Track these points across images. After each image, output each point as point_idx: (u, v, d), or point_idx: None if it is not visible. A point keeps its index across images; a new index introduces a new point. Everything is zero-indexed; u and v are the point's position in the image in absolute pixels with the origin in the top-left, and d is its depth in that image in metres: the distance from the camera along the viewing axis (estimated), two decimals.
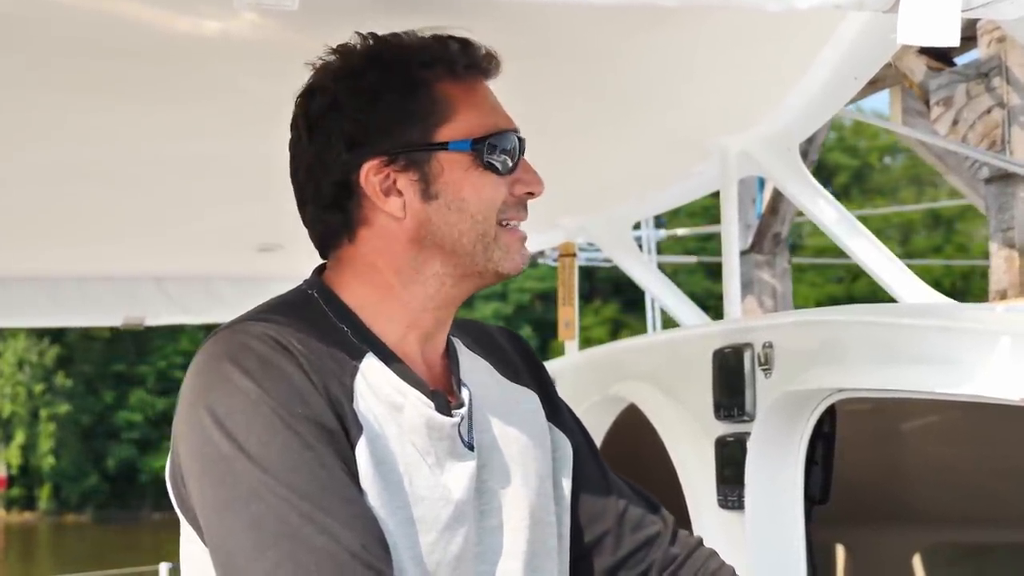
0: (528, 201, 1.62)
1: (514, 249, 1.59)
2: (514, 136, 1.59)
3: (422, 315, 1.58)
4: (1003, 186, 3.68)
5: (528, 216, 1.62)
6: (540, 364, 1.83)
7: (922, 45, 1.47)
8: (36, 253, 3.88)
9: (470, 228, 1.55)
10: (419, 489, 1.49)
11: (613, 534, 1.76)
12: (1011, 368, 1.73)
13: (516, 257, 1.60)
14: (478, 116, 1.57)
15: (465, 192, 1.55)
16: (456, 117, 1.56)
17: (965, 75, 3.81)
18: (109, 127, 2.33)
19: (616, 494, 1.79)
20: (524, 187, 1.60)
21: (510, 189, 1.58)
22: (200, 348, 1.49)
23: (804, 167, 2.72)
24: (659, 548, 1.76)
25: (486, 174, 1.56)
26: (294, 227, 1.67)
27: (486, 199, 1.56)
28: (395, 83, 1.55)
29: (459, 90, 1.57)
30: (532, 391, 1.74)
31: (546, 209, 3.66)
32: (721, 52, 2.16)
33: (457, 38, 1.58)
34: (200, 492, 1.42)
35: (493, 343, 1.77)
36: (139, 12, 1.75)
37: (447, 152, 1.54)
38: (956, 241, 29.17)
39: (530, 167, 1.61)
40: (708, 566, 1.77)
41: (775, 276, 6.49)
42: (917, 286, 2.56)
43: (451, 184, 1.55)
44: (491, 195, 1.56)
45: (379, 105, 1.54)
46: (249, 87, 2.09)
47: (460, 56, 1.57)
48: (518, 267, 1.61)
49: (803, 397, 2.27)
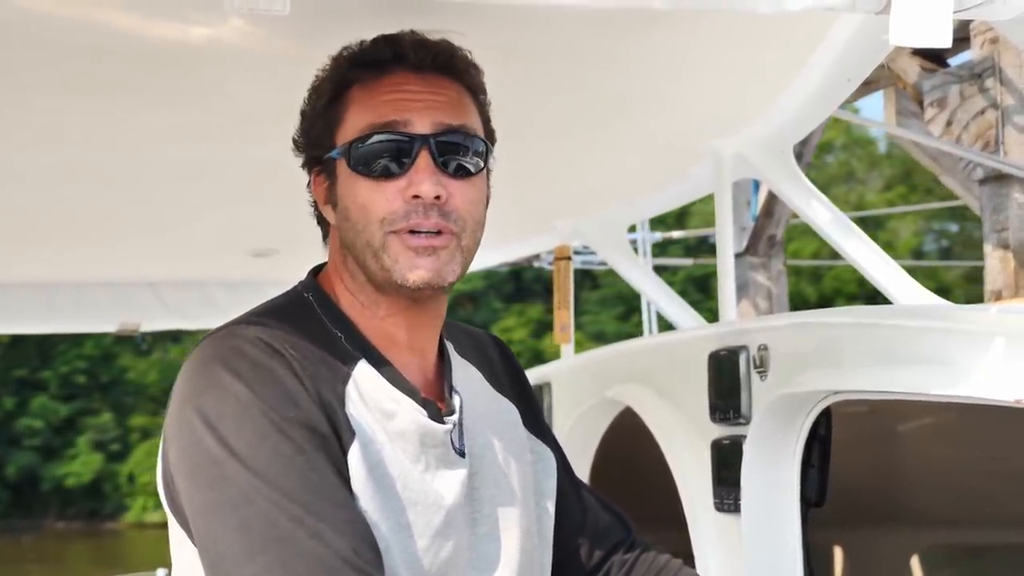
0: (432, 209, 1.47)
1: (404, 259, 1.48)
2: (393, 134, 1.49)
3: (386, 323, 1.56)
4: (997, 187, 3.68)
5: (437, 221, 1.48)
6: (523, 374, 1.83)
7: (914, 46, 1.47)
8: (30, 259, 3.87)
9: (355, 237, 1.51)
10: (412, 494, 1.48)
11: (586, 545, 1.79)
12: (1006, 369, 1.73)
13: (408, 267, 1.48)
14: (360, 118, 1.51)
15: (347, 199, 1.52)
16: (345, 121, 1.53)
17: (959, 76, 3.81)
18: (104, 131, 2.33)
19: (588, 505, 1.82)
20: (412, 189, 1.47)
21: (402, 193, 1.48)
22: (192, 351, 1.49)
23: (798, 169, 2.72)
24: (619, 553, 1.81)
25: (360, 179, 1.50)
26: (289, 232, 1.67)
27: (361, 205, 1.49)
28: (318, 92, 1.57)
29: (360, 91, 1.53)
30: (511, 402, 1.74)
31: (541, 212, 3.69)
32: (714, 54, 2.16)
33: (386, 35, 1.54)
34: (190, 495, 1.42)
35: (483, 351, 1.76)
36: (135, 17, 1.74)
37: (337, 159, 1.53)
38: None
39: (427, 167, 1.48)
40: (658, 561, 1.80)
41: (770, 278, 6.50)
42: (912, 287, 2.56)
43: (340, 191, 1.53)
44: (365, 201, 1.49)
45: (315, 111, 1.57)
46: (244, 92, 2.09)
47: (363, 53, 1.54)
48: (414, 279, 1.48)
49: (799, 399, 2.27)
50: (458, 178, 1.51)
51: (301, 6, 1.35)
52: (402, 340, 1.57)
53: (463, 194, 1.51)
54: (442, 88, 1.54)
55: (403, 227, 1.48)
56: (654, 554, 1.82)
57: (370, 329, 1.56)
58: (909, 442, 3.48)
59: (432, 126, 1.50)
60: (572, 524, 1.77)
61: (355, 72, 1.54)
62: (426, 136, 1.49)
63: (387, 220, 1.48)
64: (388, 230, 1.48)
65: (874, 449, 3.41)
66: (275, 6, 1.34)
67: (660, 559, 1.81)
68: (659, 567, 1.79)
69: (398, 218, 1.48)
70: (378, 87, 1.52)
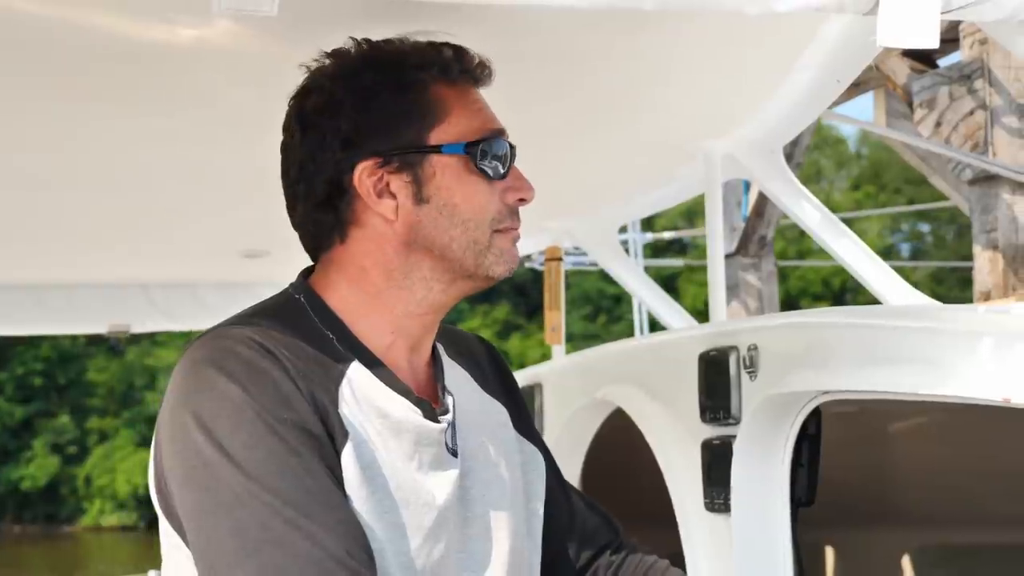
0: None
1: (507, 254, 1.59)
2: (506, 143, 1.59)
3: (408, 320, 1.58)
4: (986, 187, 3.69)
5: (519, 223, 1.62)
6: (511, 375, 1.84)
7: (902, 47, 1.47)
8: (21, 260, 3.86)
9: (461, 234, 1.54)
10: (404, 494, 1.48)
11: (574, 547, 1.79)
12: (995, 368, 1.73)
13: (510, 261, 1.60)
14: (471, 120, 1.56)
15: (457, 197, 1.54)
16: (450, 120, 1.55)
17: (948, 77, 3.82)
18: (94, 134, 2.33)
19: (576, 507, 1.83)
20: (515, 194, 1.59)
21: (501, 196, 1.57)
22: (184, 352, 1.49)
23: (788, 169, 2.72)
24: (606, 555, 1.82)
25: (478, 179, 1.55)
26: (280, 233, 1.67)
27: (478, 205, 1.55)
28: (391, 84, 1.54)
29: (453, 94, 1.56)
30: (500, 403, 1.74)
31: (532, 213, 3.66)
32: (704, 56, 2.16)
33: (452, 45, 1.59)
34: (184, 497, 1.41)
35: (470, 352, 1.77)
36: (124, 20, 1.74)
37: (440, 155, 1.54)
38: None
39: (520, 174, 1.61)
40: (645, 563, 1.81)
41: (760, 279, 6.51)
42: (901, 288, 2.57)
43: (443, 188, 1.54)
44: (483, 201, 1.55)
45: (374, 104, 1.53)
46: (234, 94, 2.09)
47: (454, 61, 1.57)
48: (509, 270, 1.60)
49: (788, 399, 2.28)
50: None
51: (289, 7, 1.35)
52: (406, 338, 1.58)
53: None
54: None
55: (507, 226, 1.58)
56: (641, 556, 1.82)
57: (366, 330, 1.56)
58: (899, 442, 3.49)
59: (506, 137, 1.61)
60: (560, 526, 1.77)
61: (431, 74, 1.56)
62: (514, 146, 1.61)
63: (496, 219, 1.57)
64: (495, 228, 1.57)
65: (864, 449, 3.42)
66: (263, 7, 1.34)
67: (647, 561, 1.81)
68: (646, 568, 1.80)
69: (504, 217, 1.58)
70: (468, 94, 1.59)
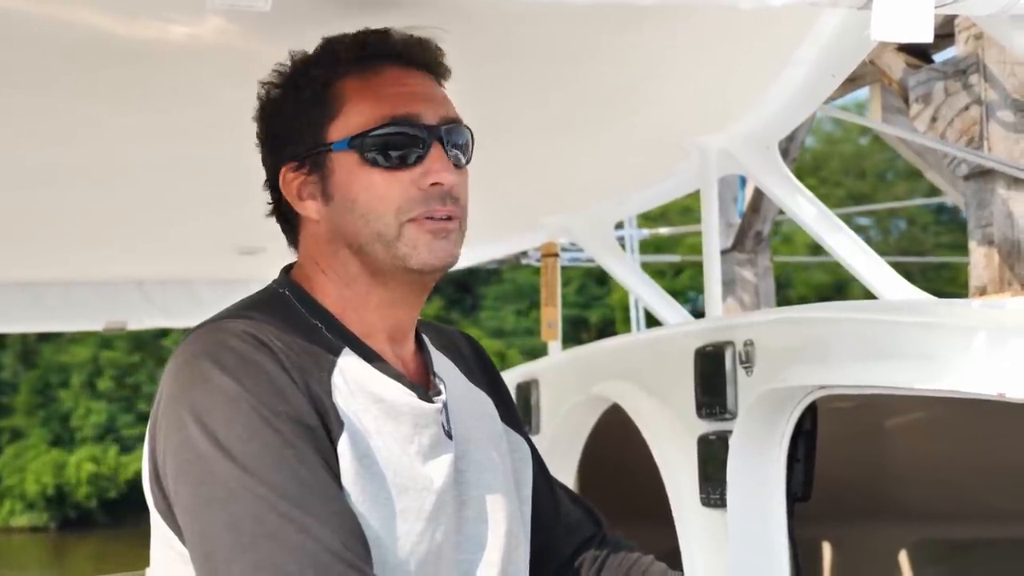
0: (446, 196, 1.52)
1: (423, 243, 1.51)
2: (410, 126, 1.52)
3: (372, 314, 1.57)
4: (982, 183, 3.69)
5: (451, 208, 1.53)
6: (495, 368, 1.85)
7: (896, 41, 1.48)
8: (17, 258, 3.86)
9: (364, 227, 1.52)
10: (403, 480, 1.49)
11: (558, 540, 1.80)
12: (990, 363, 1.74)
13: (427, 250, 1.51)
14: (366, 110, 1.53)
15: (354, 191, 1.53)
16: (344, 114, 1.54)
17: (943, 72, 3.82)
18: (90, 131, 2.32)
19: (560, 500, 1.84)
20: (426, 178, 1.51)
21: (417, 182, 1.51)
22: (178, 347, 1.49)
23: (784, 165, 2.72)
24: (591, 548, 1.82)
25: (373, 170, 1.51)
26: (275, 230, 1.67)
27: (376, 196, 1.51)
28: (300, 86, 1.56)
29: (356, 84, 1.54)
30: (487, 395, 1.75)
31: (527, 209, 3.69)
32: (698, 51, 2.16)
33: (364, 32, 1.56)
34: (179, 491, 1.41)
35: (453, 344, 1.78)
36: (119, 17, 1.74)
37: (335, 152, 1.53)
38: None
39: (440, 155, 1.53)
40: (629, 558, 1.81)
41: (757, 274, 6.51)
42: (897, 283, 2.57)
43: (341, 184, 1.53)
44: (381, 192, 1.51)
45: (282, 109, 1.57)
46: (229, 90, 2.08)
47: (354, 48, 1.55)
48: (431, 261, 1.52)
49: (784, 394, 2.28)
50: (458, 168, 1.57)
51: (282, 3, 1.35)
52: (384, 331, 1.58)
53: (462, 183, 1.57)
54: (432, 84, 1.59)
55: (420, 214, 1.51)
56: (625, 550, 1.83)
57: (350, 320, 1.56)
58: (894, 437, 3.49)
59: (439, 118, 1.55)
60: (546, 517, 1.79)
61: (346, 67, 1.54)
62: (436, 127, 1.54)
63: (403, 209, 1.51)
64: (405, 218, 1.51)
65: (860, 444, 3.42)
66: (256, 3, 1.34)
67: (631, 555, 1.82)
68: (630, 563, 1.80)
69: (416, 205, 1.51)
70: (379, 81, 1.54)
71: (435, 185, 1.51)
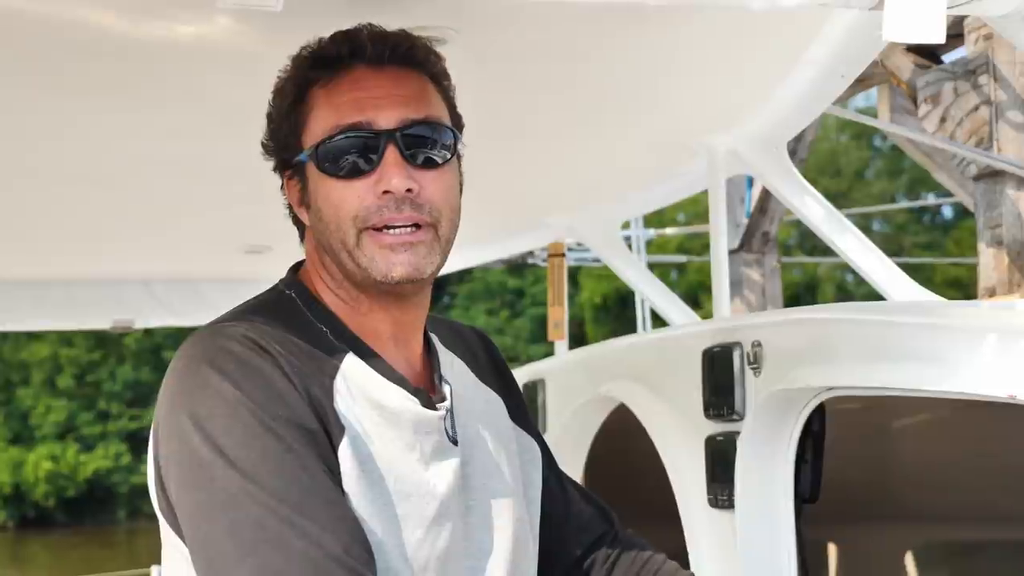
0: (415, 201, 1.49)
1: (379, 256, 1.49)
2: (358, 133, 1.49)
3: (368, 317, 1.57)
4: (991, 183, 3.68)
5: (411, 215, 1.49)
6: (506, 366, 1.83)
7: (908, 42, 1.47)
8: (23, 256, 3.86)
9: (330, 237, 1.52)
10: (404, 486, 1.48)
11: (570, 538, 1.79)
12: (999, 365, 1.73)
13: (384, 264, 1.49)
14: (322, 119, 1.52)
15: (319, 200, 1.53)
16: (310, 122, 1.53)
17: (952, 73, 3.81)
18: (97, 130, 2.32)
19: (571, 498, 1.83)
20: (382, 184, 1.48)
21: (372, 190, 1.49)
22: (178, 351, 1.48)
23: (792, 165, 2.72)
24: (603, 546, 1.81)
25: (330, 180, 1.50)
26: (282, 229, 1.67)
27: (333, 205, 1.50)
28: (284, 94, 1.56)
29: (320, 92, 1.53)
30: (496, 393, 1.74)
31: (534, 209, 3.68)
32: (707, 51, 2.16)
33: (347, 31, 1.54)
34: (181, 497, 1.41)
35: (465, 342, 1.77)
36: (127, 16, 1.74)
37: (306, 162, 1.54)
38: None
39: (396, 161, 1.49)
40: (642, 556, 1.80)
41: (764, 275, 6.50)
42: (905, 284, 2.56)
43: (311, 192, 1.54)
44: (337, 201, 1.50)
45: (278, 118, 1.57)
46: (237, 89, 2.08)
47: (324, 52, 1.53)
48: (391, 274, 1.49)
49: (792, 395, 2.27)
50: (428, 169, 1.52)
51: (293, 2, 1.35)
52: (387, 333, 1.57)
53: (435, 184, 1.52)
54: (403, 80, 1.54)
55: (376, 223, 1.48)
56: (637, 548, 1.82)
57: (354, 323, 1.56)
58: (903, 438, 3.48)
59: (397, 121, 1.50)
60: (556, 516, 1.78)
61: (315, 72, 1.54)
62: (391, 131, 1.49)
63: (359, 217, 1.49)
64: (361, 227, 1.49)
65: (868, 445, 3.41)
66: (268, 2, 1.33)
67: (644, 554, 1.81)
68: (643, 561, 1.80)
69: (370, 214, 1.48)
70: (339, 86, 1.52)
71: (386, 192, 1.48)
